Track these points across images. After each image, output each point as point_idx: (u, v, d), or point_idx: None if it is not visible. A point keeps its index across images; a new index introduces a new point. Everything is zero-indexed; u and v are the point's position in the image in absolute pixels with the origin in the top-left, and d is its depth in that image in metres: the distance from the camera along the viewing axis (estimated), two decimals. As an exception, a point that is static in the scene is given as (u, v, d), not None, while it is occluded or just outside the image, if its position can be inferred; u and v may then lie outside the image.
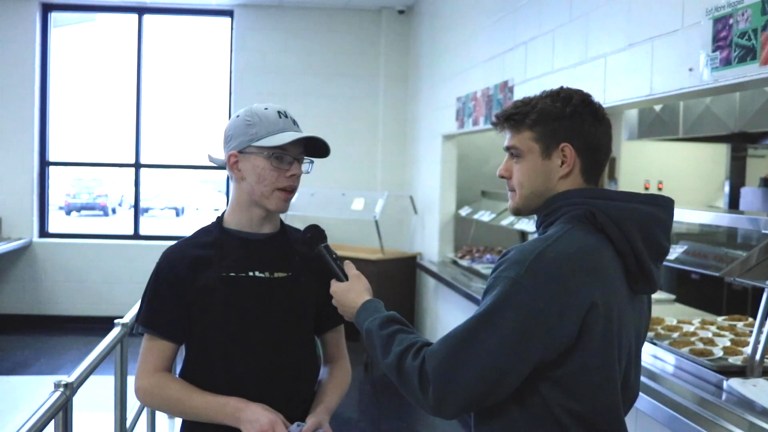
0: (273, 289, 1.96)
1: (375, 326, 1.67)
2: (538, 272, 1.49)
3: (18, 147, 7.94)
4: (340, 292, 1.85)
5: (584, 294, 1.50)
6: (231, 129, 1.96)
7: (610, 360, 1.55)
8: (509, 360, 1.48)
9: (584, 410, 1.54)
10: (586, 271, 1.52)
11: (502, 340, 1.47)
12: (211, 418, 1.88)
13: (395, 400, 5.75)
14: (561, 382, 1.53)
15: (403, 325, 1.68)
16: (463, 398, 1.50)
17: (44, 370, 6.45)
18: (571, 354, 1.51)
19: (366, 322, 1.71)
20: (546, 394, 1.54)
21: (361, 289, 1.83)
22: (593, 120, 1.65)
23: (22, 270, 8.00)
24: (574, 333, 1.50)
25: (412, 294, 7.22)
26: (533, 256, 1.51)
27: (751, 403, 2.33)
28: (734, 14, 2.48)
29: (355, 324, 1.79)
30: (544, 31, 4.18)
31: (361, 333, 1.73)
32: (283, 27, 8.16)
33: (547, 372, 1.52)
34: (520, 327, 1.47)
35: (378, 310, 1.75)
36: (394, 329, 1.65)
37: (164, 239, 8.00)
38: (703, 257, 3.09)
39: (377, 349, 1.64)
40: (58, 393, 2.39)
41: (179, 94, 12.36)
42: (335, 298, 1.86)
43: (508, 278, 1.50)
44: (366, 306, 1.77)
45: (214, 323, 1.92)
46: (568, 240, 1.55)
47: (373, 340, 1.66)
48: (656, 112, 5.78)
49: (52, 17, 8.22)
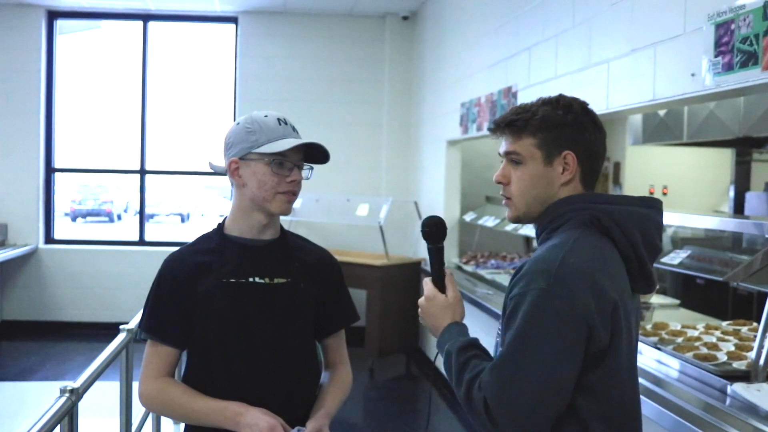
0: (273, 294, 1.97)
1: (455, 349, 1.61)
2: (568, 278, 1.49)
3: (24, 153, 7.97)
4: (437, 304, 1.75)
5: (609, 295, 1.52)
6: (231, 136, 1.98)
7: (633, 359, 1.59)
8: (562, 370, 1.47)
9: (611, 412, 1.56)
10: (605, 273, 1.54)
11: (550, 352, 1.46)
12: (212, 423, 1.89)
13: (400, 405, 5.75)
14: (592, 387, 1.53)
15: (481, 350, 1.62)
16: (533, 421, 1.47)
17: (50, 375, 6.47)
18: (604, 356, 1.52)
19: (448, 343, 1.65)
20: (575, 401, 1.52)
21: (459, 313, 1.75)
22: (593, 128, 1.67)
23: (28, 276, 8.02)
24: (609, 334, 1.51)
25: (416, 299, 7.14)
26: (558, 263, 1.50)
27: (755, 408, 2.33)
28: (736, 20, 2.49)
29: (436, 338, 1.72)
30: (547, 36, 4.19)
31: (440, 352, 1.68)
32: (288, 33, 8.18)
33: (580, 379, 1.51)
34: (564, 334, 1.47)
35: (463, 334, 1.68)
36: (470, 354, 1.59)
37: (169, 245, 8.02)
38: (708, 262, 3.10)
39: (453, 374, 1.59)
40: (64, 398, 2.40)
41: (184, 100, 12.40)
42: (427, 304, 1.77)
43: (537, 289, 1.49)
44: (453, 326, 1.70)
45: (215, 329, 1.94)
46: (584, 244, 1.56)
47: (451, 363, 1.61)
48: (660, 117, 5.77)
49: (58, 24, 8.26)
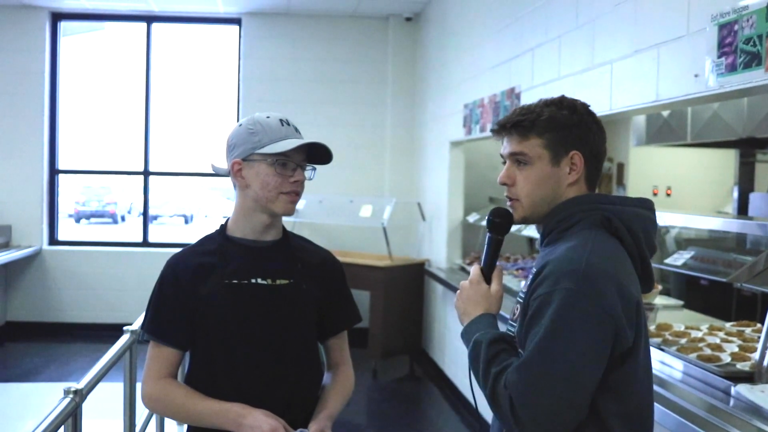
0: (275, 296, 1.97)
1: (486, 340, 1.60)
2: (595, 278, 1.50)
3: (27, 155, 7.99)
4: (479, 291, 1.72)
5: (632, 294, 1.54)
6: (234, 138, 1.98)
7: (649, 358, 1.61)
8: (590, 370, 1.47)
9: (628, 410, 1.56)
10: (626, 272, 1.57)
11: (578, 353, 1.46)
12: (214, 424, 1.89)
13: (403, 407, 5.75)
14: (613, 387, 1.53)
15: (511, 345, 1.61)
16: (556, 421, 1.47)
17: (54, 376, 6.48)
18: (629, 355, 1.53)
19: (478, 333, 1.63)
20: (596, 400, 1.52)
21: (494, 306, 1.72)
22: (597, 128, 1.69)
23: (32, 277, 8.04)
24: (633, 333, 1.53)
25: (420, 300, 7.20)
26: (584, 264, 1.51)
27: (759, 410, 2.32)
28: (739, 20, 2.48)
29: (463, 323, 1.71)
30: (551, 37, 4.19)
31: (466, 340, 1.66)
32: (291, 35, 8.18)
33: (601, 379, 1.51)
34: (593, 335, 1.47)
35: (494, 326, 1.68)
36: (500, 348, 1.58)
37: (173, 246, 8.03)
38: (712, 263, 3.09)
39: (480, 364, 1.58)
40: (68, 399, 2.41)
41: (187, 101, 12.43)
42: (469, 288, 1.74)
43: (565, 289, 1.49)
44: (486, 317, 1.69)
45: (217, 330, 1.94)
46: (602, 245, 1.58)
47: (479, 353, 1.59)
48: (664, 117, 5.77)
49: (62, 26, 8.27)
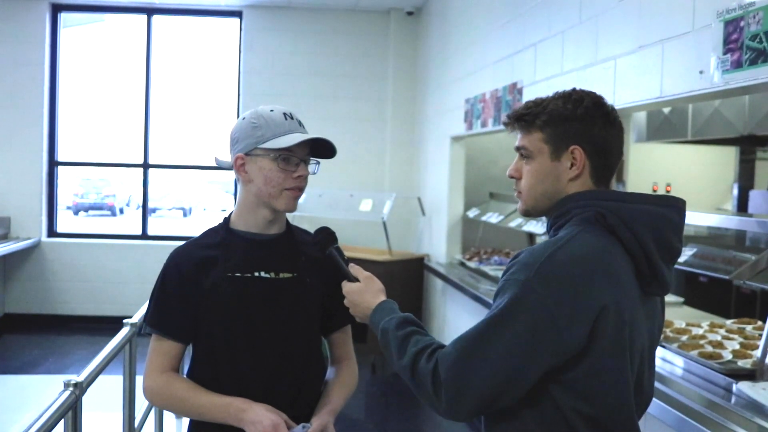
0: (278, 289, 1.96)
1: (392, 326, 1.67)
2: (549, 275, 1.49)
3: (27, 147, 7.97)
4: (354, 293, 1.83)
5: (595, 297, 1.49)
6: (237, 131, 1.96)
7: (622, 363, 1.54)
8: (520, 363, 1.48)
9: (596, 413, 1.54)
10: (596, 274, 1.51)
11: (513, 342, 1.47)
12: (216, 418, 1.89)
13: (402, 401, 5.75)
14: (572, 385, 1.52)
15: (418, 327, 1.68)
16: (475, 401, 1.50)
17: (53, 369, 6.47)
18: (582, 357, 1.50)
19: (382, 321, 1.71)
20: (557, 397, 1.53)
21: (376, 290, 1.83)
22: (604, 123, 1.64)
23: (31, 269, 8.03)
24: (585, 336, 1.49)
25: (419, 295, 7.21)
26: (543, 259, 1.51)
27: (760, 407, 2.32)
28: (745, 17, 2.47)
29: (370, 324, 1.78)
30: (554, 32, 4.17)
31: (376, 333, 1.73)
32: (292, 28, 8.17)
33: (559, 375, 1.52)
34: (531, 330, 1.47)
35: (394, 311, 1.74)
36: (409, 330, 1.65)
37: (172, 239, 8.04)
38: (712, 260, 3.09)
39: (392, 349, 1.64)
40: (68, 392, 2.41)
41: (188, 94, 12.41)
42: (348, 298, 1.84)
43: (518, 281, 1.50)
44: (382, 306, 1.77)
45: (220, 323, 1.93)
46: (579, 242, 1.54)
47: (388, 340, 1.66)
48: (665, 114, 5.76)
49: (62, 17, 8.25)
